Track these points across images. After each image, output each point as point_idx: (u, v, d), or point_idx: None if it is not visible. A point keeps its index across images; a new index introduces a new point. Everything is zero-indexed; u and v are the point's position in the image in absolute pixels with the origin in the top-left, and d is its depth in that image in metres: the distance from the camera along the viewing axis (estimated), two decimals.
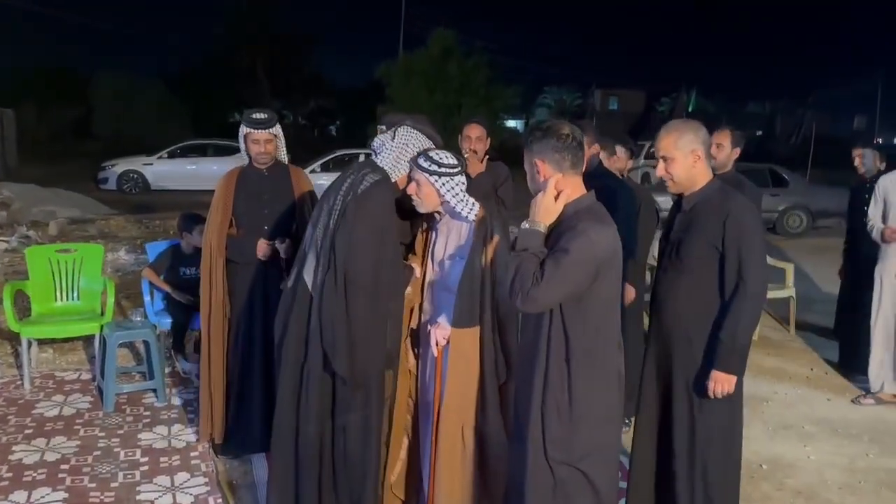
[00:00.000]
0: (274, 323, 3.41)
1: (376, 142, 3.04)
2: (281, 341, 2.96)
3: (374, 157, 3.00)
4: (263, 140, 3.77)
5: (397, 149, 2.95)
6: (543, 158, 2.35)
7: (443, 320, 2.88)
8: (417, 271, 3.06)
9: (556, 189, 2.35)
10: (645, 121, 37.68)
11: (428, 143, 2.98)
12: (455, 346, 2.83)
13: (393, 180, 2.93)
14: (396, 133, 2.97)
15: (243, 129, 3.79)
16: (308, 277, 2.90)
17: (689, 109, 35.21)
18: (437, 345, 2.87)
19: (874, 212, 4.93)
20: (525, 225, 2.34)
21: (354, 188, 2.84)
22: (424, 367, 3.06)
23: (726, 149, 4.34)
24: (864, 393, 5.01)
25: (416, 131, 2.98)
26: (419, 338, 3.09)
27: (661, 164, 2.82)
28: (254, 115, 3.78)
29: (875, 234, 4.89)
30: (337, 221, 2.81)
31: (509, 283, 2.27)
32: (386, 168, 2.93)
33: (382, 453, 3.01)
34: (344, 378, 2.78)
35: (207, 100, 32.53)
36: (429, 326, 2.93)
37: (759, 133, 38.34)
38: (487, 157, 4.89)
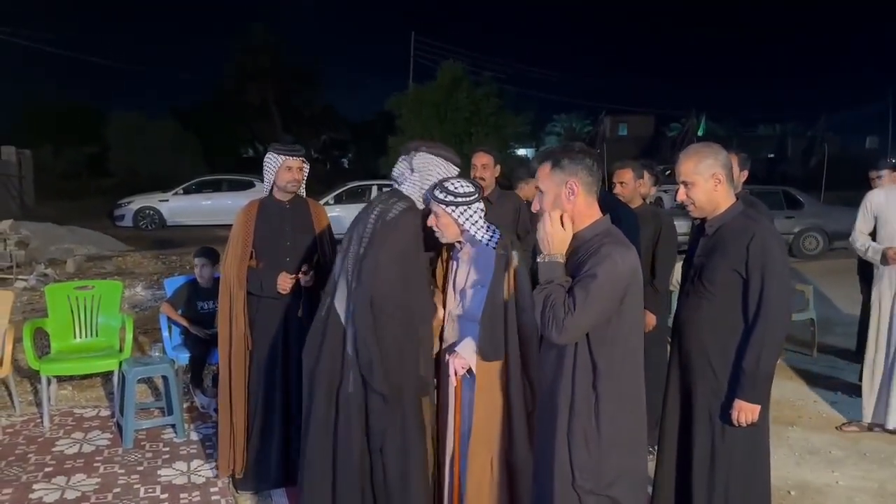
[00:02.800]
0: (293, 355, 3.39)
1: (396, 171, 3.06)
2: (312, 371, 2.95)
3: (397, 185, 3.02)
4: (296, 167, 3.82)
5: (419, 176, 2.97)
6: (579, 179, 2.34)
7: (461, 349, 2.85)
8: (441, 312, 3.05)
9: (561, 217, 2.34)
10: (654, 146, 37.68)
11: (448, 166, 2.98)
12: (481, 378, 2.80)
13: (420, 207, 2.96)
14: (413, 161, 2.98)
15: (277, 158, 3.81)
16: (340, 307, 2.91)
17: (699, 134, 35.14)
18: (455, 374, 2.85)
19: (861, 226, 4.73)
20: (544, 259, 2.33)
21: (384, 216, 2.88)
22: (444, 398, 3.04)
23: (734, 172, 4.34)
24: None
25: (432, 155, 2.98)
26: (439, 367, 3.07)
27: (681, 189, 2.78)
28: (286, 144, 3.88)
29: (871, 255, 4.66)
30: (366, 248, 2.85)
31: (539, 316, 2.26)
32: (412, 196, 2.96)
33: (429, 479, 2.98)
34: (383, 394, 2.79)
35: (220, 135, 32.97)
36: (447, 356, 2.91)
37: (771, 156, 38.23)
38: (498, 185, 4.89)
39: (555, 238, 2.33)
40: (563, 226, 2.34)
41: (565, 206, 2.35)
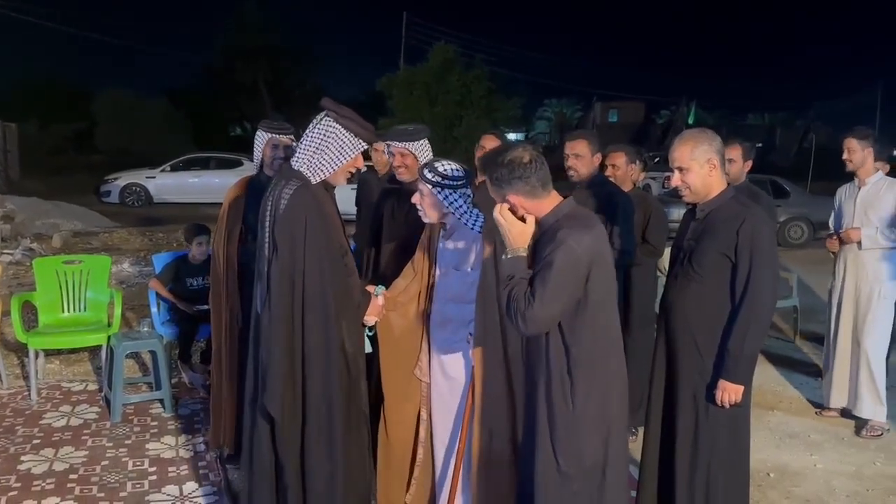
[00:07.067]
0: None
1: (306, 132, 2.86)
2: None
3: (295, 152, 2.87)
4: (283, 145, 3.82)
5: (314, 144, 2.78)
6: (517, 194, 2.33)
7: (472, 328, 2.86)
8: (380, 299, 3.02)
9: (518, 213, 2.35)
10: (644, 133, 37.71)
11: (355, 142, 2.80)
12: (481, 361, 2.81)
13: (315, 182, 2.79)
14: (318, 124, 2.80)
15: (264, 135, 3.84)
16: (259, 305, 2.88)
17: (689, 122, 35.23)
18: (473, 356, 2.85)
19: (832, 221, 4.86)
20: (506, 255, 2.35)
21: (276, 208, 2.74)
22: (442, 381, 3.03)
23: (738, 163, 4.38)
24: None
25: (340, 127, 2.77)
26: (430, 348, 3.09)
27: (676, 175, 2.81)
28: (274, 122, 3.89)
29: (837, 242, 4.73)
30: (271, 250, 2.76)
31: (505, 310, 2.28)
32: (303, 169, 2.78)
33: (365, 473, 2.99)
34: (273, 414, 2.73)
35: (210, 114, 32.68)
36: (468, 336, 2.90)
37: (760, 145, 38.34)
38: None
39: (513, 232, 2.33)
40: (522, 219, 2.34)
41: (517, 214, 2.36)
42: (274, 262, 2.73)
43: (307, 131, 2.82)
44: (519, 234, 2.33)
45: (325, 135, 2.76)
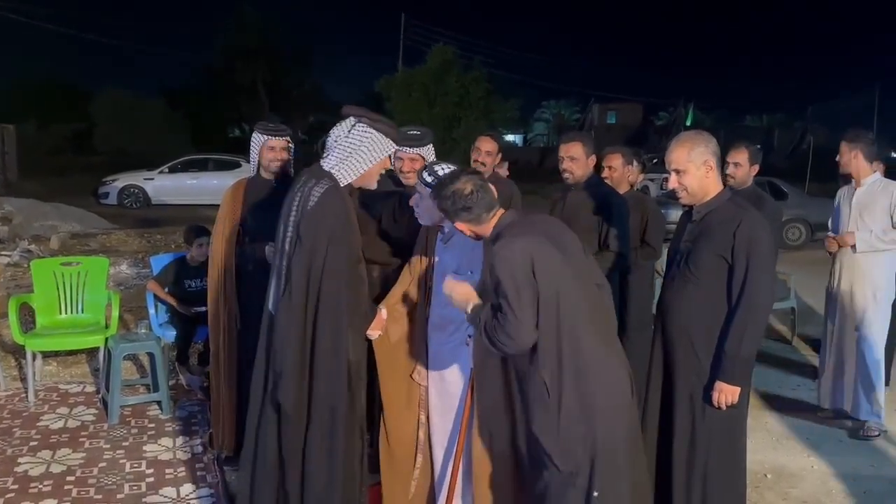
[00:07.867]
0: None
1: (331, 135, 2.89)
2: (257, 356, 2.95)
3: (323, 157, 2.89)
4: (280, 147, 3.82)
5: (349, 147, 2.82)
6: (465, 221, 2.51)
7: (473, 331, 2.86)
8: (384, 312, 3.03)
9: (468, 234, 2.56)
10: (642, 134, 37.77)
11: (385, 142, 2.85)
12: (480, 363, 2.81)
13: (343, 184, 2.82)
14: (353, 130, 2.84)
15: (260, 138, 3.83)
16: (271, 303, 2.88)
17: (687, 123, 35.30)
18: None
19: (831, 223, 4.84)
20: (468, 310, 2.52)
21: (305, 204, 2.76)
22: (443, 383, 3.04)
23: (744, 167, 4.38)
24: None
25: (373, 130, 2.83)
26: (427, 351, 3.09)
27: (673, 177, 2.82)
28: (271, 124, 3.90)
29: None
30: (293, 244, 2.77)
31: (490, 346, 2.36)
32: (333, 171, 2.82)
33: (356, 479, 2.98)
34: (285, 409, 2.74)
35: (208, 115, 32.70)
36: (468, 339, 2.90)
37: (758, 147, 38.32)
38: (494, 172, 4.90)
39: (461, 300, 2.54)
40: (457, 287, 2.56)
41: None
42: (296, 256, 2.74)
43: (337, 138, 2.84)
44: (466, 297, 2.53)
45: (360, 140, 2.82)
